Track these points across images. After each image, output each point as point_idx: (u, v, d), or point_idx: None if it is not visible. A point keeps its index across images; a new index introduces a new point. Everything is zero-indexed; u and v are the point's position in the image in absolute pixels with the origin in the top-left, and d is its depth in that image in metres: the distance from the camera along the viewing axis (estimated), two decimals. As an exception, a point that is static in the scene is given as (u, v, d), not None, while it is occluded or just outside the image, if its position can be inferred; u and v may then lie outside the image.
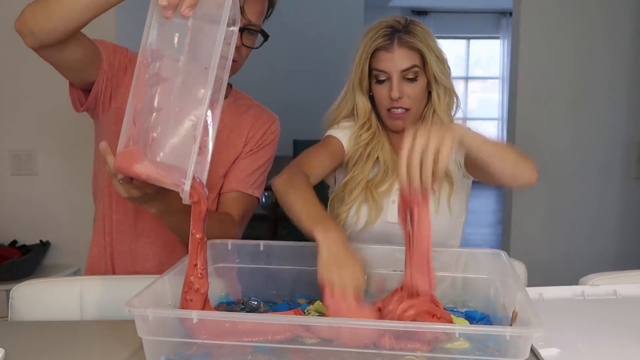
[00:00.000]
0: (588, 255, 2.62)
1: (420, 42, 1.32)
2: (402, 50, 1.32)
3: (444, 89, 1.37)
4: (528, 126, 2.58)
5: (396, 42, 1.32)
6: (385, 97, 1.35)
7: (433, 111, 1.39)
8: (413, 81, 1.34)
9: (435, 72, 1.34)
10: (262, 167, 1.45)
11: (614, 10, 2.53)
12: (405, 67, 1.33)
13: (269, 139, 1.47)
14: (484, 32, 8.16)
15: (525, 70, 2.56)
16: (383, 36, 1.33)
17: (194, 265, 0.99)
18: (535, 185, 1.22)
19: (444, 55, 1.38)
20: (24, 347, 1.05)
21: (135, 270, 1.41)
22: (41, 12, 1.09)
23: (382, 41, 1.33)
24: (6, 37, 2.33)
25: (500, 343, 0.87)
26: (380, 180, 1.40)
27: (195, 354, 0.94)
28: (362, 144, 1.41)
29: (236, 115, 1.44)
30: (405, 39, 1.32)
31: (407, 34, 1.32)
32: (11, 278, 2.20)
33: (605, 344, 1.04)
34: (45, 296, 1.27)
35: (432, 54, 1.33)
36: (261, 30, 1.36)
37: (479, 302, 1.20)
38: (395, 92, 1.33)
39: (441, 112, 1.38)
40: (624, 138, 2.59)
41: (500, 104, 8.06)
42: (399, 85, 1.33)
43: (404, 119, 1.37)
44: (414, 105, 1.36)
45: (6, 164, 2.42)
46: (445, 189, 1.38)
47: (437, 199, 1.37)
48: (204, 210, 0.97)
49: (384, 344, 0.89)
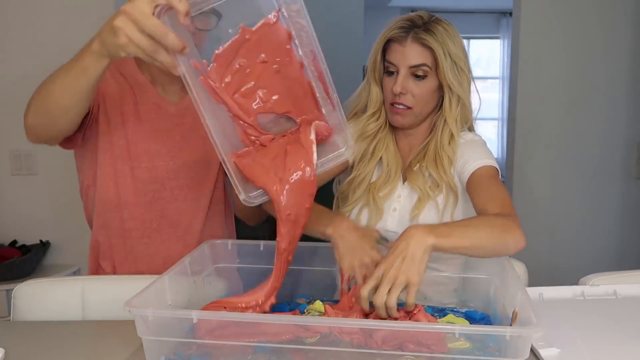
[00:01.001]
0: (588, 255, 2.62)
1: (436, 42, 1.26)
2: (414, 45, 1.27)
3: (457, 99, 1.31)
4: (528, 126, 2.58)
5: (411, 36, 1.27)
6: (390, 90, 1.31)
7: (444, 120, 1.33)
8: (421, 79, 1.28)
9: (448, 78, 1.28)
10: None
11: (614, 11, 2.53)
12: (414, 63, 1.27)
13: None
14: (484, 32, 8.15)
15: (525, 70, 2.56)
16: (399, 28, 1.29)
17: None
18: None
19: (465, 63, 1.31)
20: (24, 347, 1.06)
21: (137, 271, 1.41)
22: (44, 118, 1.13)
23: (397, 33, 1.29)
24: (6, 37, 2.34)
25: (500, 343, 0.87)
26: (382, 184, 1.37)
27: (195, 354, 0.94)
28: (368, 135, 1.37)
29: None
30: (420, 35, 1.27)
31: (425, 32, 1.27)
32: (11, 278, 2.20)
33: (605, 343, 1.04)
34: (47, 296, 1.28)
35: (447, 58, 1.27)
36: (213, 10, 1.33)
37: (479, 302, 1.20)
38: (397, 87, 1.28)
39: (451, 122, 1.32)
40: (624, 138, 2.59)
41: (500, 104, 8.04)
42: (403, 81, 1.28)
43: (403, 115, 1.32)
44: (417, 105, 1.31)
45: (6, 164, 2.42)
46: (450, 201, 1.33)
47: (440, 213, 1.33)
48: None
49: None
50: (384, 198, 1.36)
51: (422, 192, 1.33)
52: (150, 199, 1.39)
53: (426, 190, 1.33)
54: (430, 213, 1.32)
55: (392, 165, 1.37)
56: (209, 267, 1.23)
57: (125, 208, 1.38)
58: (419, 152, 1.37)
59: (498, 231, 1.06)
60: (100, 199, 1.39)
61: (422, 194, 1.33)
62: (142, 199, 1.38)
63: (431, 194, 1.32)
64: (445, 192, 1.33)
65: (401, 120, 1.33)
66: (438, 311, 1.18)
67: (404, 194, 1.36)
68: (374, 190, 1.36)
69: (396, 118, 1.33)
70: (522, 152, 2.59)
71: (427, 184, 1.34)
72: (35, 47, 2.34)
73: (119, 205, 1.37)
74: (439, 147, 1.33)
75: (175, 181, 1.40)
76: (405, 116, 1.32)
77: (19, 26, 2.33)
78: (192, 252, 1.19)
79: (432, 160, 1.34)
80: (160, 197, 1.39)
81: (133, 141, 1.37)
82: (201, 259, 1.21)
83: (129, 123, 1.36)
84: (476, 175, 1.26)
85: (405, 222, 1.33)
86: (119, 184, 1.37)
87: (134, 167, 1.37)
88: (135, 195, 1.37)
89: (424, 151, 1.36)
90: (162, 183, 1.39)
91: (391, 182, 1.37)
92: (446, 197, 1.33)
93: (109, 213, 1.39)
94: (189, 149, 1.41)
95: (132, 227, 1.39)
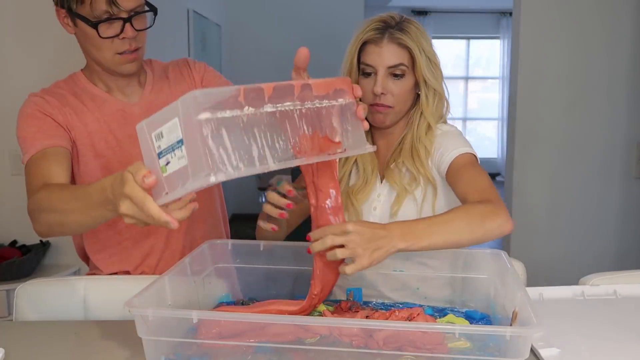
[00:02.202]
0: (588, 255, 2.62)
1: (411, 40, 1.29)
2: (391, 46, 1.29)
3: (433, 92, 1.34)
4: (528, 126, 2.58)
5: (386, 37, 1.29)
6: (369, 92, 1.30)
7: (420, 113, 1.35)
8: (399, 78, 1.30)
9: (425, 73, 1.31)
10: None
11: (614, 10, 2.53)
12: (392, 63, 1.29)
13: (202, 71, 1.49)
14: (484, 32, 8.15)
15: (525, 70, 2.56)
16: (374, 29, 1.30)
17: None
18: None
19: (437, 59, 1.34)
20: (24, 347, 1.06)
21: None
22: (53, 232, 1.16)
23: (373, 34, 1.30)
24: (5, 37, 2.35)
25: (500, 343, 0.87)
26: (360, 187, 1.38)
27: (195, 354, 0.94)
28: None
29: (163, 90, 1.44)
30: (396, 35, 1.29)
31: (399, 31, 1.29)
32: (11, 278, 2.20)
33: (605, 343, 1.04)
34: (50, 295, 1.28)
35: (422, 55, 1.30)
36: (148, 4, 1.31)
37: (479, 302, 1.20)
38: (378, 88, 1.29)
39: (428, 115, 1.34)
40: (624, 138, 2.59)
41: (500, 104, 8.04)
42: (383, 81, 1.29)
43: (385, 113, 1.33)
44: (398, 104, 1.32)
45: (6, 164, 2.42)
46: (428, 195, 1.34)
47: (419, 207, 1.33)
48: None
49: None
50: (362, 200, 1.37)
51: (399, 187, 1.34)
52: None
53: (403, 185, 1.34)
54: (408, 207, 1.34)
55: (368, 168, 1.39)
56: (209, 267, 1.23)
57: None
58: (395, 149, 1.39)
59: (477, 221, 1.08)
60: None
61: (400, 189, 1.34)
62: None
63: (409, 188, 1.34)
64: (423, 186, 1.34)
65: (382, 118, 1.34)
66: (438, 311, 1.19)
67: (383, 193, 1.38)
68: (351, 195, 1.37)
69: (378, 117, 1.34)
70: (522, 152, 2.59)
71: (404, 179, 1.35)
72: (35, 47, 2.34)
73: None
74: (415, 140, 1.35)
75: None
76: (387, 114, 1.33)
77: (19, 27, 2.34)
78: (192, 252, 1.19)
79: (409, 155, 1.35)
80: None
81: (108, 156, 1.36)
82: (201, 259, 1.21)
83: (101, 142, 1.36)
84: (455, 164, 1.27)
85: (385, 219, 1.34)
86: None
87: (113, 170, 1.35)
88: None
89: (400, 147, 1.38)
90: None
91: (369, 184, 1.38)
92: (424, 191, 1.34)
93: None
94: None
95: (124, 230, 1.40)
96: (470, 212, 1.10)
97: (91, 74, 1.39)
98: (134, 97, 1.41)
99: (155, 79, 1.44)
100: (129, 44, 1.28)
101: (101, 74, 1.37)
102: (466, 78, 8.37)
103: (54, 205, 1.10)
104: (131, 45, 1.29)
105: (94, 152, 1.35)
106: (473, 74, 8.49)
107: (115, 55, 1.29)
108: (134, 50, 1.30)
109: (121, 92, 1.39)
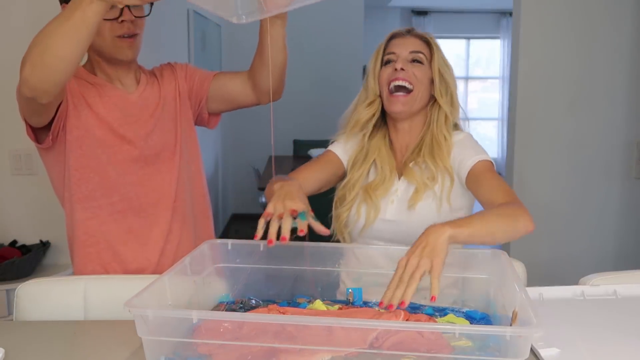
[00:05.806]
0: (588, 255, 2.62)
1: (432, 39, 1.45)
2: (414, 38, 1.45)
3: (445, 87, 1.43)
4: (528, 126, 2.58)
5: (412, 33, 1.46)
6: (390, 74, 1.40)
7: (438, 107, 1.43)
8: (419, 64, 1.42)
9: (440, 65, 1.42)
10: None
11: (614, 10, 2.53)
12: (414, 49, 1.42)
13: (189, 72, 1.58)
14: (484, 32, 8.15)
15: (525, 70, 2.56)
16: (401, 29, 1.48)
17: None
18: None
19: (451, 66, 1.46)
20: (24, 346, 1.06)
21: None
22: (41, 71, 1.18)
23: (400, 30, 1.47)
24: (5, 37, 2.34)
25: (500, 343, 0.87)
26: (377, 184, 1.43)
27: (195, 354, 0.94)
28: (362, 122, 1.45)
29: (155, 85, 1.52)
30: (419, 33, 1.46)
31: (422, 32, 1.46)
32: (11, 278, 2.20)
33: (605, 344, 1.04)
34: (50, 295, 1.28)
35: (439, 51, 1.44)
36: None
37: (479, 302, 1.20)
38: (399, 64, 1.39)
39: (444, 105, 1.42)
40: (624, 138, 2.59)
41: (500, 104, 8.05)
42: (404, 61, 1.40)
43: (404, 101, 1.39)
44: (417, 87, 1.40)
45: (6, 164, 2.41)
46: (445, 186, 1.39)
47: (438, 199, 1.38)
48: None
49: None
50: (381, 195, 1.43)
51: (419, 182, 1.40)
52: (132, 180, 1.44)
53: (424, 181, 1.40)
54: (427, 202, 1.39)
55: (386, 167, 1.45)
56: (209, 267, 1.23)
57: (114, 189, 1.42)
58: (414, 148, 1.45)
59: (509, 219, 1.17)
60: (81, 188, 1.43)
61: (420, 184, 1.40)
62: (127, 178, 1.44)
63: (429, 183, 1.40)
64: (441, 180, 1.40)
65: (401, 106, 1.40)
66: (438, 311, 1.19)
67: (401, 188, 1.43)
68: (370, 190, 1.43)
69: (396, 106, 1.40)
70: (522, 152, 2.59)
71: (424, 175, 1.40)
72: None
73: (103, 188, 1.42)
74: (436, 131, 1.42)
75: (145, 162, 1.46)
76: (405, 102, 1.40)
77: (19, 27, 2.33)
78: (192, 252, 1.19)
79: (429, 150, 1.41)
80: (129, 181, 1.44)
81: (104, 129, 1.41)
82: (201, 259, 1.21)
83: (98, 113, 1.42)
84: (474, 172, 1.34)
85: (403, 211, 1.40)
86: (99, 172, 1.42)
87: (111, 154, 1.42)
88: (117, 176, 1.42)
89: (419, 145, 1.44)
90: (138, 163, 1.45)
91: (387, 181, 1.44)
92: (442, 184, 1.40)
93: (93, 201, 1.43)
94: (159, 131, 1.47)
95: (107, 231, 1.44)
96: (502, 212, 1.18)
97: (92, 66, 1.47)
98: (131, 89, 1.48)
99: (147, 77, 1.54)
100: (127, 27, 1.37)
101: (101, 64, 1.44)
102: (466, 78, 8.37)
103: (38, 36, 1.15)
104: (129, 29, 1.37)
105: (90, 111, 1.41)
106: (473, 74, 8.49)
107: (114, 38, 1.37)
108: (133, 35, 1.38)
109: (120, 82, 1.47)
